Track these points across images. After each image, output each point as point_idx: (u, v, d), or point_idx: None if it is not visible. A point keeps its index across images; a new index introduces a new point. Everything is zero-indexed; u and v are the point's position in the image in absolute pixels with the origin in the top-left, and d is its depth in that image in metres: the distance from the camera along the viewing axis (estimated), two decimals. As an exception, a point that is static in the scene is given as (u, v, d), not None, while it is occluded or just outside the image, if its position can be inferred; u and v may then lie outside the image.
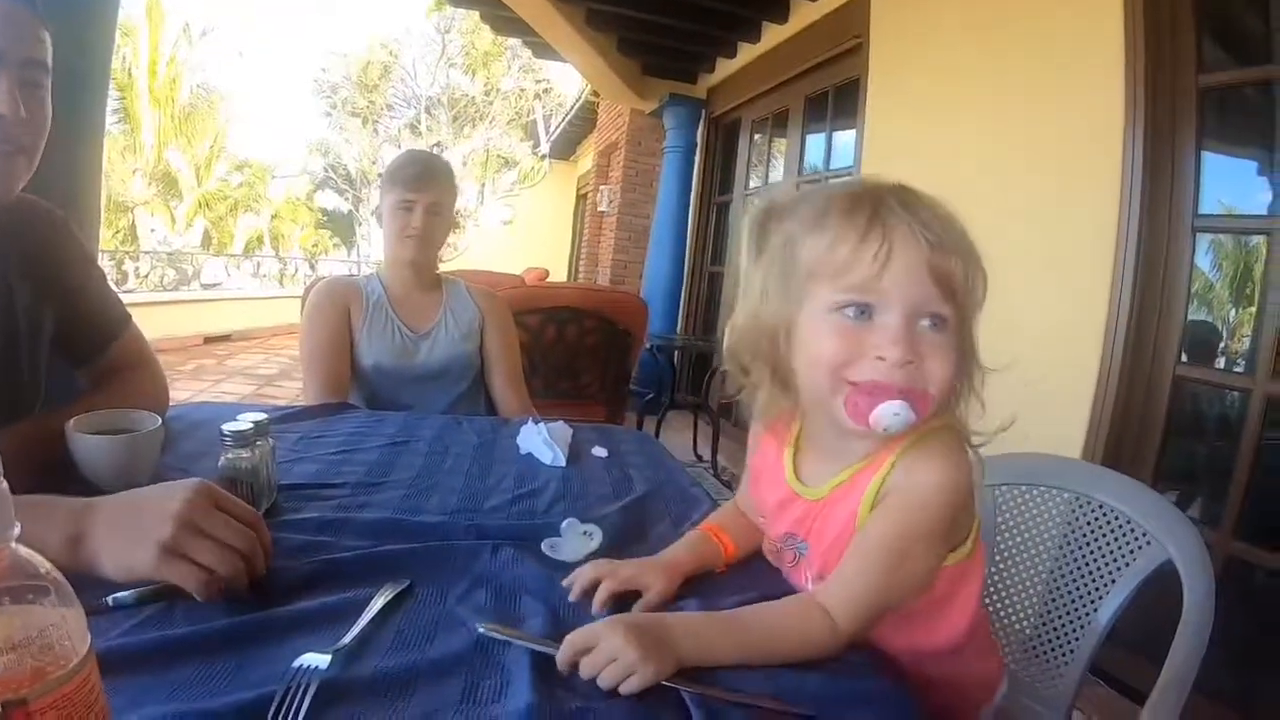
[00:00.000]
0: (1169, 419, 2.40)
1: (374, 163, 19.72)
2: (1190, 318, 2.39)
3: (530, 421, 1.60)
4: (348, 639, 0.75)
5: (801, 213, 0.86)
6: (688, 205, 6.56)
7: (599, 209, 8.70)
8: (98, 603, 0.77)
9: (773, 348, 0.87)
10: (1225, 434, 2.37)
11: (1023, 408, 2.62)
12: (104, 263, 10.20)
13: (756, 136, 6.06)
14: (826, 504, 0.92)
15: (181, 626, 0.76)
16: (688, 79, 6.71)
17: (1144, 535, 1.31)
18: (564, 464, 1.47)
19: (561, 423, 1.63)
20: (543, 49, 7.06)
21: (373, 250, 19.70)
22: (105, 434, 1.12)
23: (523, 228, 17.48)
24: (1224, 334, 2.56)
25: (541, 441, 1.52)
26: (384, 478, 1.32)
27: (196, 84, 17.88)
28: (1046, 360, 2.65)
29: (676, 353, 6.12)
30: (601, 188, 8.78)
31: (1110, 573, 1.34)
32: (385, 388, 2.11)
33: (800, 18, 4.81)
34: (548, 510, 1.23)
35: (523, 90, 18.64)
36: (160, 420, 1.19)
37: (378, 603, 0.83)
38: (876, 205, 0.81)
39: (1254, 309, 2.36)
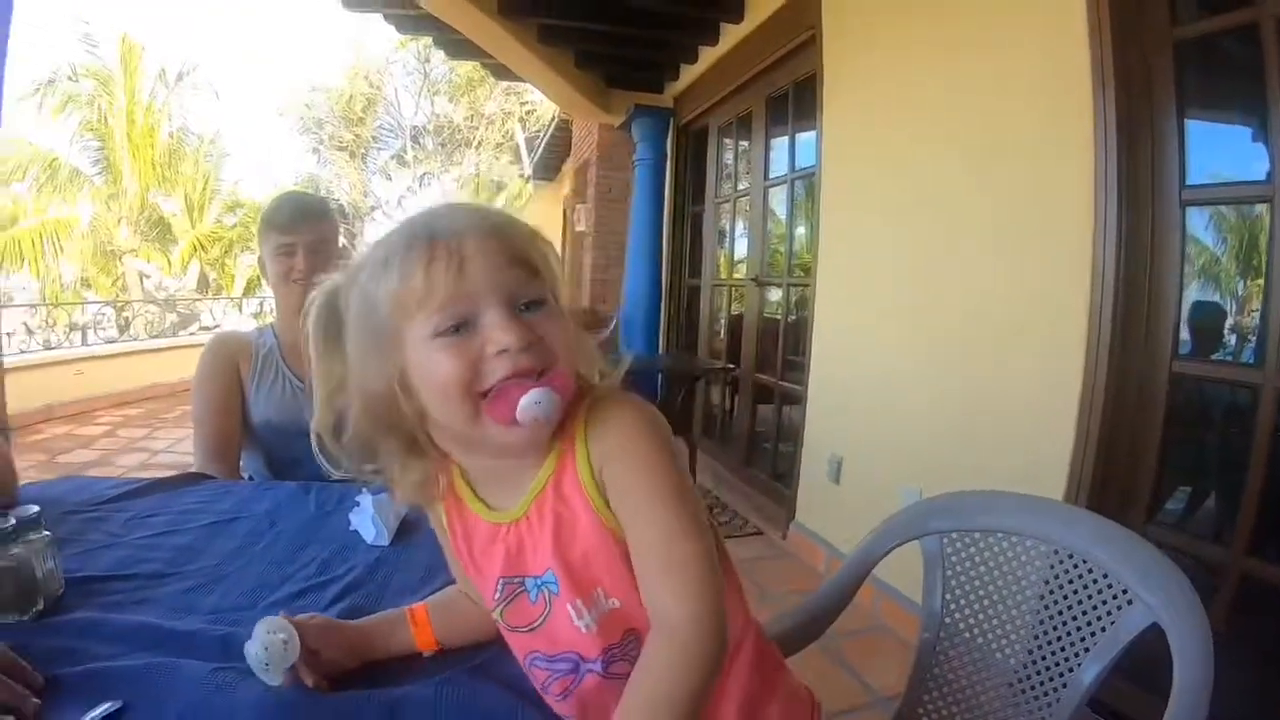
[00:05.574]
0: (1167, 421, 2.14)
1: (365, 195, 19.69)
2: (1189, 304, 2.13)
3: (364, 492, 1.44)
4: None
5: (363, 274, 0.82)
6: (662, 218, 6.34)
7: (577, 228, 8.51)
8: None
9: (393, 410, 0.81)
10: (1234, 435, 2.12)
11: (1001, 414, 2.40)
12: (103, 311, 10.21)
13: (725, 141, 5.87)
14: (534, 518, 0.84)
15: None
16: (653, 88, 6.52)
17: (1125, 593, 1.07)
18: (386, 543, 1.36)
19: None
20: (501, 70, 6.86)
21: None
22: None
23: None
24: (1228, 321, 2.30)
25: (367, 517, 1.37)
26: (182, 566, 1.27)
27: (176, 128, 17.88)
28: (1025, 359, 2.41)
29: (660, 375, 5.92)
30: (578, 207, 8.60)
31: (1086, 636, 1.14)
32: (278, 445, 2.00)
33: (755, 14, 4.63)
34: (332, 604, 1.13)
35: (507, 114, 18.56)
36: None
37: None
38: (429, 226, 0.80)
39: (1261, 291, 2.09)
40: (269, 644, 0.87)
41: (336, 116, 19.50)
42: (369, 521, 1.38)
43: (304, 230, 1.97)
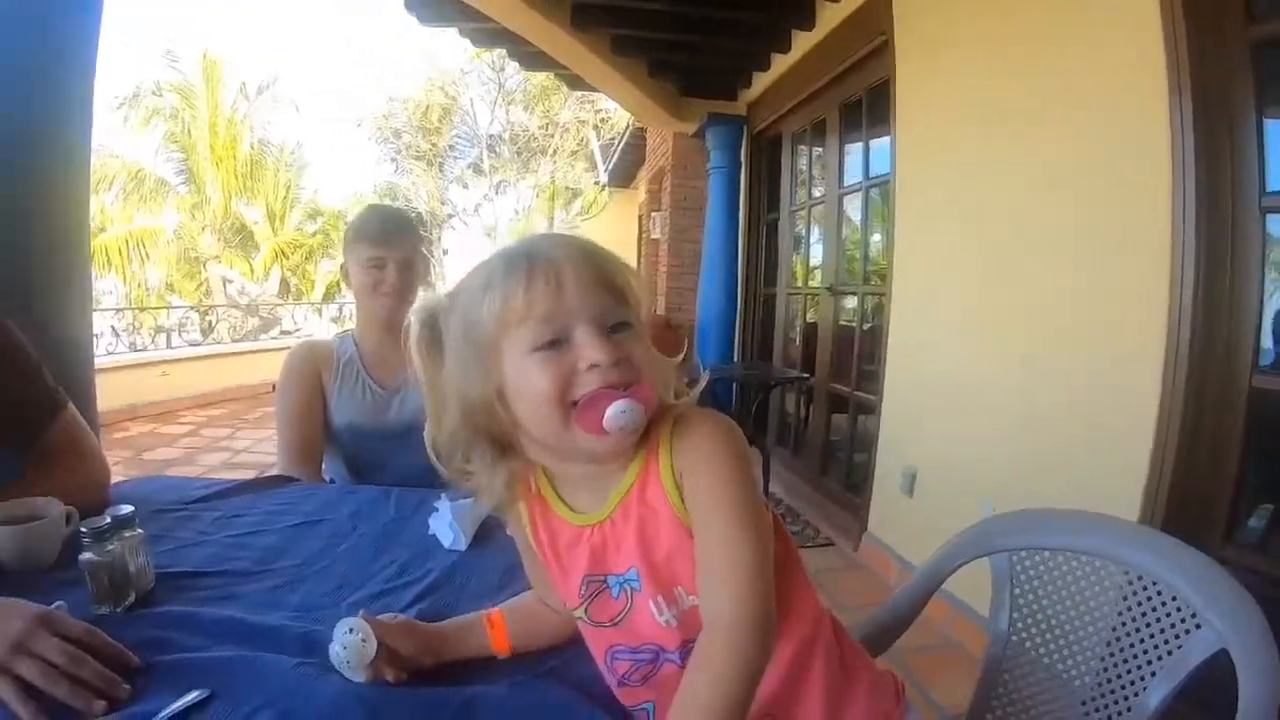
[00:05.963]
0: (1247, 435, 2.05)
1: (442, 203, 20.01)
2: (1270, 314, 2.04)
3: (442, 497, 1.49)
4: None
5: (465, 297, 0.89)
6: (737, 226, 6.35)
7: (652, 236, 8.56)
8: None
9: (491, 419, 0.88)
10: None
11: (1077, 427, 2.34)
12: (187, 315, 10.63)
13: (799, 148, 5.82)
14: (618, 520, 0.91)
15: None
16: (727, 96, 6.51)
17: (1193, 617, 1.06)
18: (463, 548, 1.39)
19: (472, 500, 1.46)
20: (575, 81, 6.95)
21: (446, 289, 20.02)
22: (6, 524, 1.22)
23: (588, 259, 17.42)
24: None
25: (445, 522, 1.41)
26: (268, 564, 1.32)
27: (257, 139, 18.51)
28: (1102, 371, 2.35)
29: (735, 384, 5.92)
30: (654, 215, 8.66)
31: (1154, 660, 1.12)
32: (360, 448, 2.08)
33: (826, 22, 4.60)
34: (410, 605, 1.17)
35: (582, 122, 18.67)
36: (60, 509, 1.28)
37: (160, 717, 0.84)
38: (530, 251, 0.87)
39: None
40: (347, 643, 0.92)
41: (414, 126, 19.84)
42: (447, 526, 1.42)
43: (395, 246, 2.03)
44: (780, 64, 5.51)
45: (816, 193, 5.51)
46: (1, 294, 1.59)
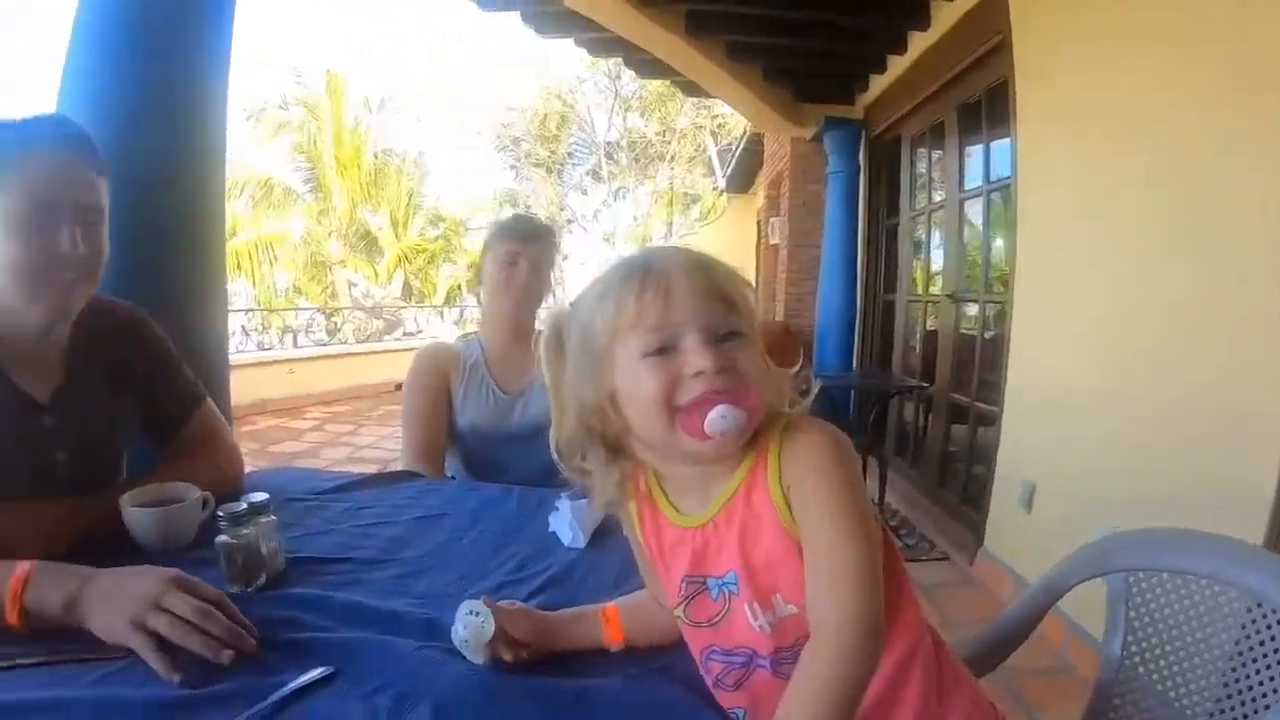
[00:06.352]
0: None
1: (561, 209, 20.36)
2: None
3: (563, 497, 1.54)
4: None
5: (583, 307, 0.94)
6: (856, 231, 6.24)
7: (771, 241, 8.50)
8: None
9: (604, 422, 0.92)
10: None
11: (1203, 443, 2.21)
12: (313, 316, 11.22)
13: (918, 151, 5.68)
14: (721, 523, 0.93)
15: (114, 687, 0.90)
16: (844, 100, 6.40)
17: None
18: (582, 545, 1.43)
19: None
20: (691, 87, 6.98)
21: (567, 295, 20.29)
22: (149, 506, 1.35)
23: (707, 265, 17.32)
24: None
25: (565, 520, 1.47)
26: (393, 554, 1.39)
27: (380, 149, 19.40)
28: (1234, 384, 2.22)
29: (852, 391, 5.82)
30: (772, 220, 8.62)
31: (1269, 692, 1.08)
32: (481, 450, 2.15)
33: (941, 22, 4.48)
34: (529, 598, 1.19)
35: (699, 127, 18.67)
36: (198, 494, 1.39)
37: (287, 688, 0.90)
38: (644, 261, 0.91)
39: None
40: (468, 623, 0.97)
41: (532, 135, 20.29)
42: (567, 525, 1.46)
43: (532, 245, 2.12)
44: (896, 66, 5.40)
45: (937, 197, 5.38)
46: (147, 294, 1.71)
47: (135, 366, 1.58)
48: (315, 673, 0.94)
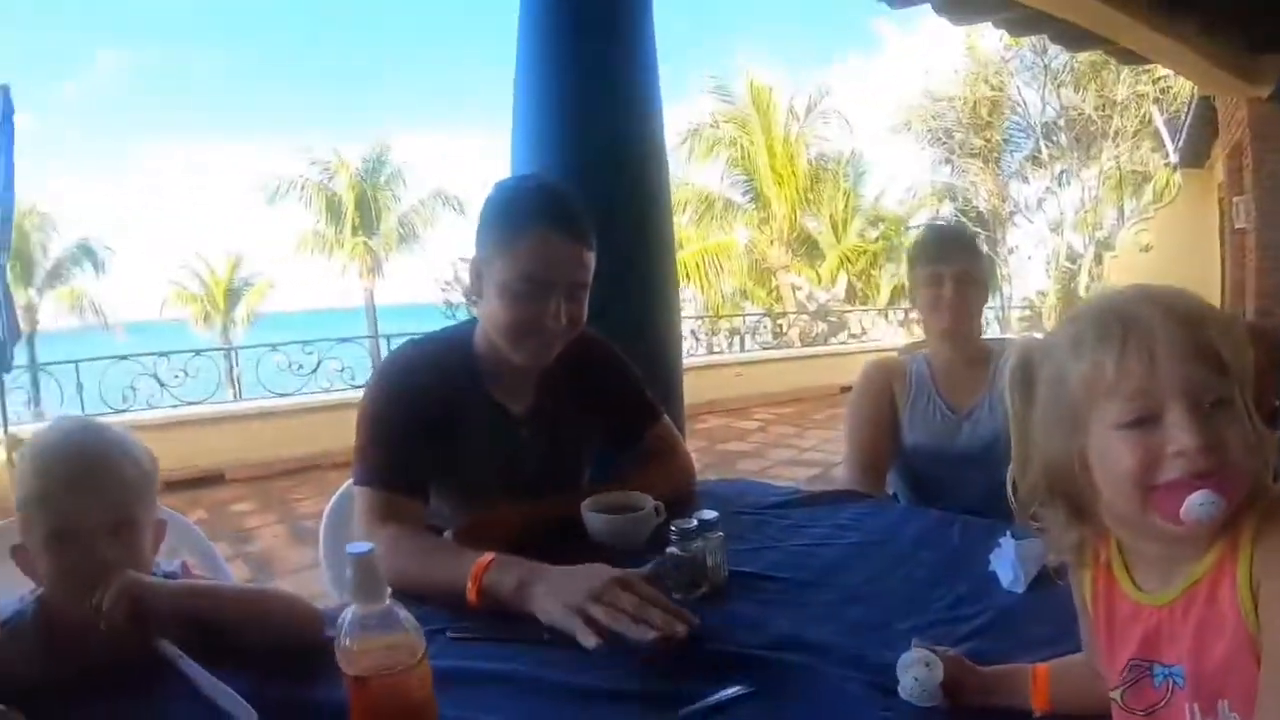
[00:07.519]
0: None
1: (1003, 200, 18.99)
2: None
3: (1008, 534, 1.42)
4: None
5: (1057, 352, 0.87)
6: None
7: (1235, 225, 7.24)
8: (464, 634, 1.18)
9: (1068, 479, 0.86)
10: None
11: None
12: (760, 320, 11.98)
13: None
14: (1180, 609, 0.84)
15: (543, 670, 1.07)
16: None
17: None
18: (1021, 590, 1.33)
19: (1038, 541, 1.40)
20: (1125, 54, 6.18)
21: (1015, 289, 18.91)
22: (607, 512, 1.55)
23: (1165, 253, 14.46)
24: None
25: (1008, 561, 1.36)
26: (829, 578, 1.41)
27: (814, 155, 19.79)
28: None
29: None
30: (1235, 200, 7.31)
31: None
32: (926, 469, 2.12)
33: None
34: (959, 643, 1.13)
35: (1141, 96, 16.15)
36: (652, 504, 1.56)
37: (702, 703, 0.95)
38: (1123, 317, 0.82)
39: None
40: (918, 674, 0.97)
41: (964, 124, 19.07)
42: (1009, 565, 1.38)
43: (950, 260, 2.05)
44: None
45: None
46: (613, 312, 1.93)
47: (599, 387, 1.78)
48: (732, 690, 0.97)
